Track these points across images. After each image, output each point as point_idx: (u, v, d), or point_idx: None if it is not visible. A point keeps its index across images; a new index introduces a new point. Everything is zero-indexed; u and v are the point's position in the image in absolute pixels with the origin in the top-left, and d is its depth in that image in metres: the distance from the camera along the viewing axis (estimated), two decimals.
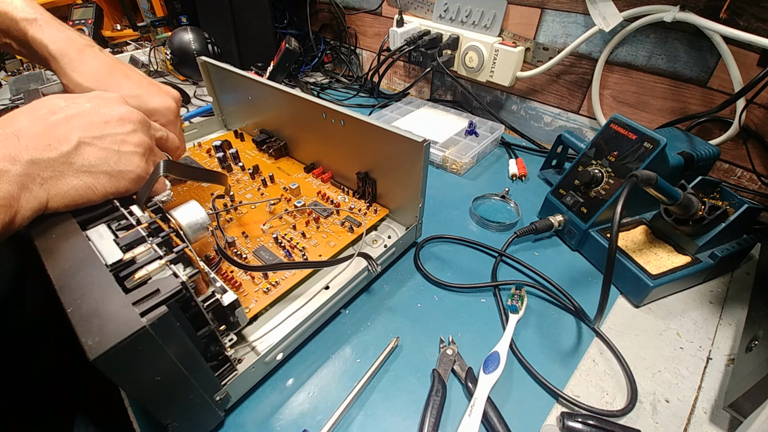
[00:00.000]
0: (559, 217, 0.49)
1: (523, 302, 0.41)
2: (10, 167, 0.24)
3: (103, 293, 0.22)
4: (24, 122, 0.27)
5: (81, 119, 0.29)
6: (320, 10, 0.98)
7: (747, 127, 0.53)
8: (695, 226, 0.42)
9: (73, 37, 0.38)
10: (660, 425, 0.32)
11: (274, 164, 0.56)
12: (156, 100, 0.38)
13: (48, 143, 0.26)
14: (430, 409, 0.31)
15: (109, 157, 0.29)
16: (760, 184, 0.54)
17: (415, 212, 0.44)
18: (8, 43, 0.38)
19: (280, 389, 0.34)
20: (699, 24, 0.49)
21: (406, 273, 0.45)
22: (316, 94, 0.89)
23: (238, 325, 0.31)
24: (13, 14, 0.36)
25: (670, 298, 0.43)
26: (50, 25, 0.37)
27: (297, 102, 0.49)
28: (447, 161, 0.62)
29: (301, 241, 0.43)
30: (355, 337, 0.38)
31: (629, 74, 0.60)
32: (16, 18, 0.36)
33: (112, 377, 0.20)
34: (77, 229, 0.27)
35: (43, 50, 0.36)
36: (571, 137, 0.55)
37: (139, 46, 1.03)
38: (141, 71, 0.42)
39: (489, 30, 0.70)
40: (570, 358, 0.37)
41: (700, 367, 0.37)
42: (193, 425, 0.28)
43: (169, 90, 0.41)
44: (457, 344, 0.37)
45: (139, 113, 0.32)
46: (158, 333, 0.21)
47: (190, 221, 0.34)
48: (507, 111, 0.78)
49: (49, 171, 0.26)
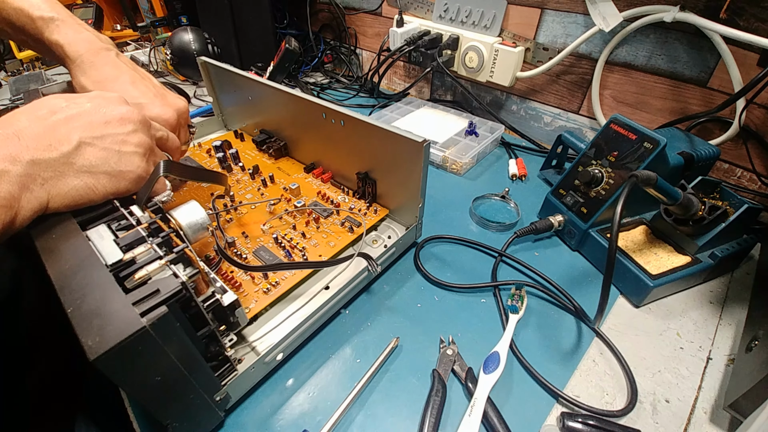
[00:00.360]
0: (559, 217, 0.49)
1: (523, 302, 0.41)
2: (10, 167, 0.24)
3: (103, 293, 0.22)
4: (24, 122, 0.26)
5: (81, 119, 0.28)
6: (320, 10, 0.98)
7: (747, 127, 0.53)
8: (695, 226, 0.42)
9: (90, 39, 0.37)
10: (660, 425, 0.32)
11: (274, 164, 0.56)
12: (155, 111, 0.37)
13: (49, 143, 0.26)
14: (430, 409, 0.31)
15: (110, 158, 0.29)
16: (760, 184, 0.54)
17: (415, 212, 0.44)
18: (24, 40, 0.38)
19: (280, 389, 0.34)
20: (699, 24, 0.49)
21: (406, 273, 0.45)
22: (316, 94, 0.89)
23: (238, 326, 0.31)
24: (29, 12, 0.35)
25: (670, 298, 0.43)
26: (67, 25, 0.36)
27: (297, 102, 0.49)
28: (447, 161, 0.62)
29: (301, 241, 0.43)
30: (355, 337, 0.38)
31: (629, 74, 0.60)
32: (32, 16, 0.35)
33: (112, 377, 0.20)
34: (77, 230, 0.27)
35: (59, 51, 0.36)
36: (571, 137, 0.55)
37: (139, 47, 1.03)
38: (156, 81, 0.41)
39: (489, 30, 0.70)
40: (570, 358, 0.37)
41: (700, 367, 0.37)
42: (193, 425, 0.28)
43: (174, 101, 0.40)
44: (457, 344, 0.37)
45: (139, 113, 0.32)
46: (158, 333, 0.21)
47: (190, 221, 0.34)
48: (507, 111, 0.78)
49: (50, 171, 0.26)
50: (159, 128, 0.35)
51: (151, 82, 0.40)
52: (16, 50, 0.96)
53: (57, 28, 0.36)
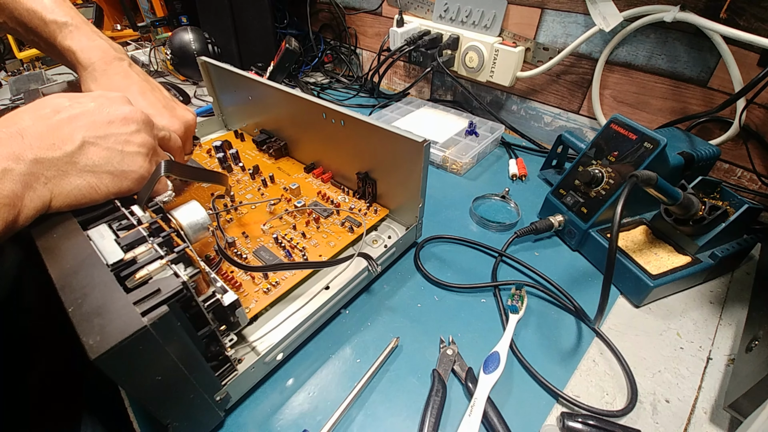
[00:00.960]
0: (559, 217, 0.49)
1: (523, 302, 0.41)
2: (14, 166, 0.24)
3: (104, 293, 0.22)
4: (28, 121, 0.26)
5: (85, 119, 0.28)
6: (320, 10, 0.98)
7: (747, 127, 0.53)
8: (695, 226, 0.42)
9: (104, 47, 0.37)
10: (660, 425, 0.32)
11: (275, 164, 0.56)
12: (162, 122, 0.37)
13: (52, 142, 0.26)
14: (430, 409, 0.31)
15: (113, 157, 0.29)
16: (760, 184, 0.54)
17: (415, 212, 0.44)
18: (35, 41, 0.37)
19: (280, 389, 0.34)
20: (699, 24, 0.49)
21: (406, 273, 0.45)
22: (316, 94, 0.89)
23: (238, 325, 0.31)
24: (42, 14, 0.35)
25: (670, 298, 0.43)
26: (81, 32, 0.36)
27: (297, 102, 0.49)
28: (447, 161, 0.62)
29: (301, 241, 0.43)
30: (355, 337, 0.38)
31: (629, 74, 0.60)
32: (45, 19, 0.35)
33: (113, 377, 0.20)
34: (78, 229, 0.27)
35: (72, 57, 0.36)
36: (571, 137, 0.55)
37: (140, 47, 1.03)
38: (166, 93, 0.41)
39: (489, 30, 0.70)
40: (570, 358, 0.37)
41: (700, 367, 0.37)
42: (193, 425, 0.28)
43: (183, 114, 0.40)
44: (457, 344, 0.37)
45: (142, 113, 0.32)
46: (159, 333, 0.21)
47: (191, 221, 0.34)
48: (507, 111, 0.78)
49: (53, 170, 0.26)
50: (162, 128, 0.35)
51: (161, 93, 0.40)
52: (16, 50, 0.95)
53: (70, 33, 0.36)
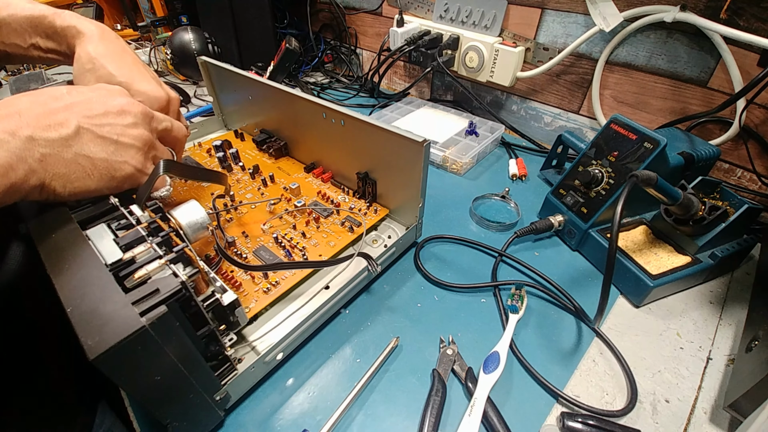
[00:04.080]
0: (559, 217, 0.49)
1: (523, 302, 0.41)
2: (9, 139, 0.25)
3: (102, 293, 0.22)
4: (26, 103, 0.27)
5: (82, 107, 0.29)
6: (320, 10, 0.98)
7: (747, 127, 0.53)
8: (695, 227, 0.42)
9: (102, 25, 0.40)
10: (660, 425, 0.32)
11: (274, 164, 0.56)
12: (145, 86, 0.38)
13: (48, 124, 0.27)
14: (430, 409, 0.31)
15: (107, 146, 0.29)
16: (760, 184, 0.54)
17: (415, 212, 0.44)
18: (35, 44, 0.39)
19: (280, 389, 0.34)
20: (699, 24, 0.49)
21: (406, 273, 0.45)
22: (317, 94, 0.89)
23: (238, 325, 0.31)
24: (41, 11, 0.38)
25: (670, 298, 0.43)
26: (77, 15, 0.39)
27: (297, 102, 0.49)
28: (447, 161, 0.62)
29: (301, 240, 0.43)
30: (355, 337, 0.38)
31: (629, 74, 0.60)
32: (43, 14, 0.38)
33: (112, 377, 0.20)
34: (77, 229, 0.27)
35: (73, 31, 0.38)
36: (571, 137, 0.55)
37: (140, 46, 1.03)
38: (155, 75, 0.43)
39: (489, 30, 0.70)
40: (570, 358, 0.37)
41: (700, 367, 0.37)
42: (193, 425, 0.28)
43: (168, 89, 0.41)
44: (457, 344, 0.37)
45: (141, 105, 0.32)
46: (158, 333, 0.21)
47: (190, 221, 0.34)
48: (507, 111, 0.78)
49: (48, 149, 0.26)
50: (162, 119, 0.35)
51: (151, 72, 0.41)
52: None
53: (69, 16, 0.38)
